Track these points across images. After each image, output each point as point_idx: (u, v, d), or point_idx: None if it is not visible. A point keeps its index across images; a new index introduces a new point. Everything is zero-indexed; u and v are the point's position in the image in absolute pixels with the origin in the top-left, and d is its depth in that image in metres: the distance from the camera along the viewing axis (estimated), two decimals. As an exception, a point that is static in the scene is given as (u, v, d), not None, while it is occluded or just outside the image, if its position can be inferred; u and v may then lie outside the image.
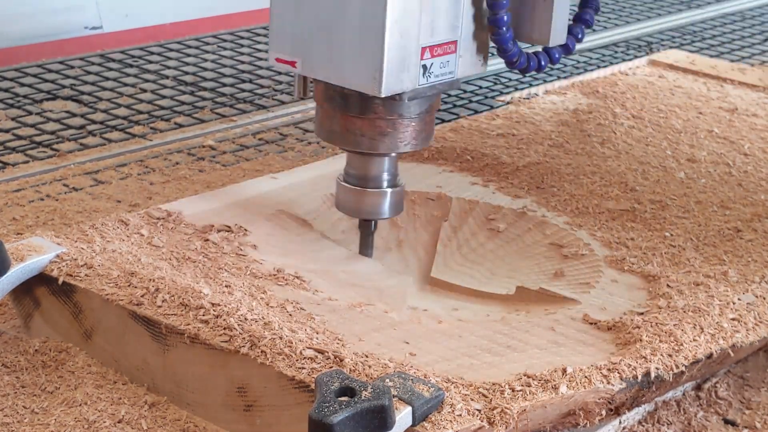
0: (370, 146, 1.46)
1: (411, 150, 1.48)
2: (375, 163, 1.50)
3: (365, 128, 1.45)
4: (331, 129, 1.47)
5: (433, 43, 1.40)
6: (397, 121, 1.44)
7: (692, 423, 1.38)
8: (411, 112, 1.44)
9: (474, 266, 1.59)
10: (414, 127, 1.46)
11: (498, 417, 1.16)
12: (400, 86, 1.38)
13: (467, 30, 1.44)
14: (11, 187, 1.90)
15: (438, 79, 1.42)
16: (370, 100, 1.42)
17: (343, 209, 1.55)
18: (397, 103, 1.42)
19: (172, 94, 2.39)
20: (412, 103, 1.43)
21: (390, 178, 1.51)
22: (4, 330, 1.45)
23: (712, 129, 2.08)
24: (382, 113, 1.43)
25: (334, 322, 1.36)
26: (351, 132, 1.45)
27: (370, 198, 1.51)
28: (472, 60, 1.47)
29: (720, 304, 1.40)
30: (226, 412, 1.27)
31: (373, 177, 1.51)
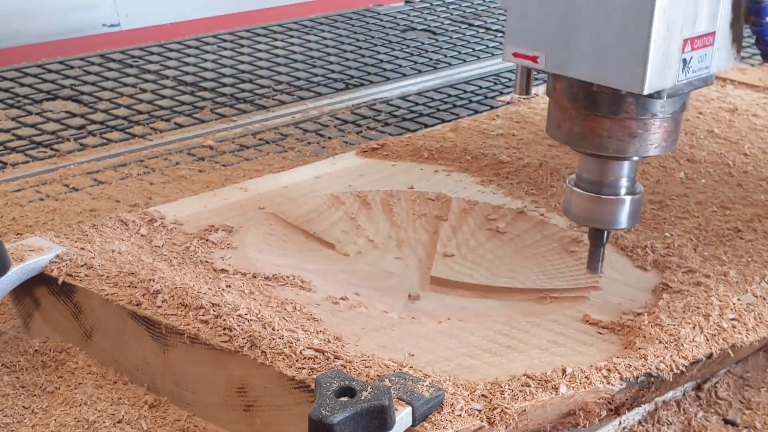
0: (618, 149, 1.33)
1: (658, 153, 1.36)
2: (615, 167, 1.37)
3: (614, 129, 1.32)
4: (572, 130, 1.34)
5: (694, 34, 1.27)
6: (649, 121, 1.32)
7: (692, 423, 1.38)
8: (665, 111, 1.32)
9: (474, 266, 1.59)
10: (666, 127, 1.33)
11: (498, 417, 1.16)
12: (662, 83, 1.25)
13: (725, 20, 1.31)
14: (11, 187, 1.90)
15: (695, 74, 1.30)
16: (623, 99, 1.30)
17: (574, 217, 1.42)
18: (652, 102, 1.30)
19: (172, 94, 2.40)
20: (667, 102, 1.31)
21: (629, 184, 1.38)
22: (4, 330, 1.45)
23: (712, 129, 2.08)
24: (633, 113, 1.31)
25: (334, 322, 1.36)
26: (597, 134, 1.33)
27: (605, 206, 1.39)
28: (727, 53, 1.34)
29: (720, 304, 1.40)
30: (226, 412, 1.27)
31: (611, 183, 1.38)
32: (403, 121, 2.30)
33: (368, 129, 2.25)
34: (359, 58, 2.70)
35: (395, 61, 2.70)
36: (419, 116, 2.34)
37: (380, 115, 2.33)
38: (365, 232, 1.65)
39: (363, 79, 2.55)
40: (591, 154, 1.36)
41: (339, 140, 2.18)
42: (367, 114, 2.34)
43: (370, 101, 2.42)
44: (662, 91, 1.27)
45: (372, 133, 2.23)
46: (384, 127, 2.27)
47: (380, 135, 2.20)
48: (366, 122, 2.29)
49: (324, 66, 2.63)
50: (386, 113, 2.35)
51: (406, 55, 2.75)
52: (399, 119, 2.31)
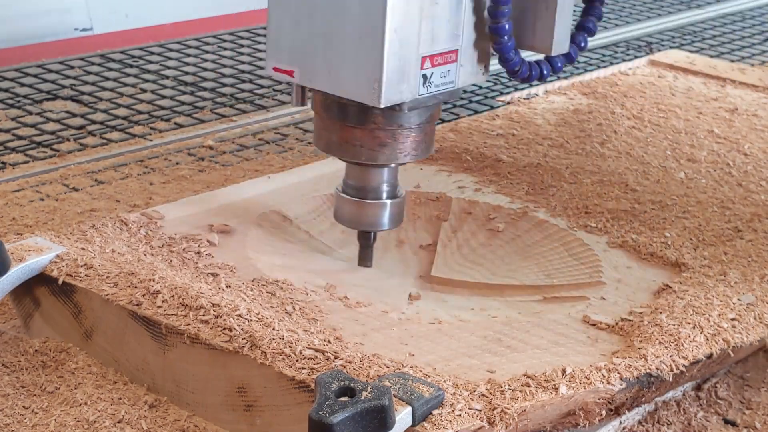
0: (370, 157, 1.43)
1: (411, 161, 1.45)
2: (374, 173, 1.47)
3: (364, 139, 1.42)
4: (330, 140, 1.44)
5: (433, 52, 1.37)
6: (396, 131, 1.41)
7: (692, 423, 1.38)
8: (411, 123, 1.41)
9: (474, 266, 1.59)
10: (414, 137, 1.43)
11: (498, 417, 1.16)
12: (400, 96, 1.35)
13: (468, 39, 1.41)
14: (11, 187, 1.90)
15: (438, 89, 1.39)
16: (369, 111, 1.39)
17: (342, 221, 1.52)
18: (396, 114, 1.40)
19: (172, 94, 2.40)
20: (412, 114, 1.40)
21: (390, 189, 1.49)
22: (4, 330, 1.45)
23: (712, 129, 2.08)
24: (381, 123, 1.41)
25: (334, 322, 1.36)
26: (350, 143, 1.43)
27: (369, 209, 1.49)
28: (473, 69, 1.44)
29: (720, 304, 1.40)
30: (226, 412, 1.27)
31: (373, 188, 1.48)
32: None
33: (368, 129, 2.25)
34: (359, 58, 2.70)
35: (395, 61, 2.69)
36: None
37: (380, 115, 2.33)
38: (365, 232, 1.65)
39: (363, 79, 2.55)
40: (353, 162, 1.46)
41: (339, 140, 2.17)
42: (367, 114, 2.34)
43: (370, 101, 2.42)
44: (403, 104, 1.37)
45: (372, 133, 2.23)
46: (384, 127, 2.27)
47: (380, 135, 2.20)
48: (366, 122, 2.29)
49: (324, 66, 2.63)
50: (386, 113, 2.35)
51: (406, 55, 2.74)
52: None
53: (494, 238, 1.64)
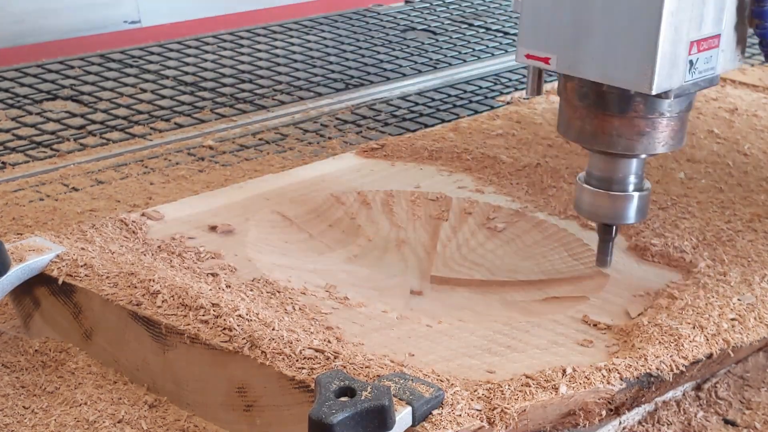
0: (627, 147, 1.38)
1: (666, 151, 1.40)
2: (623, 164, 1.41)
3: (623, 128, 1.37)
4: (583, 128, 1.39)
5: (700, 37, 1.32)
6: (657, 120, 1.36)
7: (692, 423, 1.38)
8: (672, 111, 1.36)
9: (474, 266, 1.59)
10: (673, 126, 1.38)
11: (498, 417, 1.16)
12: (669, 83, 1.30)
13: (729, 23, 1.36)
14: (11, 187, 1.90)
15: (701, 75, 1.35)
16: (632, 99, 1.34)
17: (584, 212, 1.47)
18: (660, 102, 1.35)
19: (172, 94, 2.40)
20: (674, 101, 1.35)
21: (637, 180, 1.44)
22: (4, 330, 1.45)
23: (712, 129, 2.08)
24: (642, 112, 1.36)
25: (334, 322, 1.36)
26: (606, 132, 1.37)
27: (614, 201, 1.43)
28: (732, 55, 1.38)
29: (720, 304, 1.40)
30: (226, 412, 1.27)
31: (619, 179, 1.42)
32: (403, 121, 2.30)
33: (368, 129, 2.25)
34: (359, 58, 2.70)
35: (395, 61, 2.70)
36: (419, 116, 2.34)
37: (380, 115, 2.33)
38: (365, 232, 1.65)
39: (363, 79, 2.55)
40: (600, 151, 1.40)
41: (339, 140, 2.18)
42: (367, 114, 2.34)
43: (370, 101, 2.42)
44: (670, 91, 1.31)
45: (372, 133, 2.23)
46: (384, 127, 2.27)
47: (380, 135, 2.20)
48: (366, 122, 2.29)
49: (324, 66, 2.63)
50: (386, 113, 2.35)
51: (406, 55, 2.75)
52: (399, 119, 2.31)
53: (494, 238, 1.64)
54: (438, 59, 2.72)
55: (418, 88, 2.51)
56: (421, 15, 3.13)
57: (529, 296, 1.51)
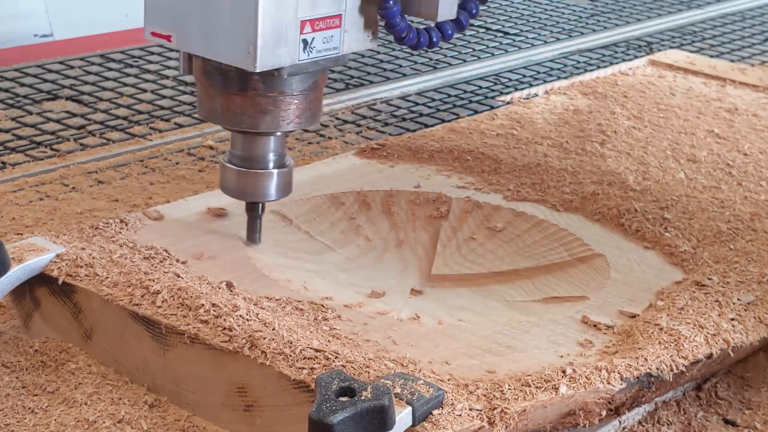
0: (251, 125, 1.40)
1: (295, 129, 1.43)
2: (259, 142, 1.44)
3: (245, 106, 1.39)
4: (212, 107, 1.42)
5: (314, 16, 1.34)
6: (278, 98, 1.39)
7: (692, 423, 1.38)
8: (293, 89, 1.39)
9: (474, 266, 1.59)
10: (297, 104, 1.40)
11: (498, 417, 1.16)
12: (278, 61, 1.32)
13: (353, 4, 1.38)
14: (11, 187, 1.90)
15: (321, 54, 1.36)
16: (249, 77, 1.36)
17: (229, 192, 1.50)
18: (276, 79, 1.37)
19: (172, 94, 2.40)
20: (293, 80, 1.38)
21: (277, 158, 1.46)
22: (4, 330, 1.45)
23: (712, 129, 2.08)
24: (261, 90, 1.38)
25: (334, 322, 1.36)
26: (231, 110, 1.40)
27: (256, 180, 1.46)
28: (359, 35, 1.40)
29: (720, 304, 1.40)
30: (226, 412, 1.27)
31: (259, 157, 1.45)
32: (403, 121, 2.30)
33: (368, 129, 2.25)
34: (359, 58, 2.70)
35: (395, 61, 2.70)
36: (419, 116, 2.34)
37: (380, 115, 2.33)
38: (365, 232, 1.65)
39: (363, 79, 2.55)
40: (237, 130, 1.43)
41: (339, 140, 2.18)
42: (367, 114, 2.34)
43: (370, 101, 2.42)
44: (281, 69, 1.34)
45: (372, 133, 2.23)
46: (384, 127, 2.27)
47: (380, 135, 2.20)
48: (366, 122, 2.29)
49: (324, 66, 2.63)
50: (386, 113, 2.35)
51: (406, 55, 2.75)
52: (399, 119, 2.32)
53: (494, 238, 1.64)
54: (438, 59, 2.72)
55: (418, 88, 2.51)
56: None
57: (529, 296, 1.52)
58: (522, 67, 2.69)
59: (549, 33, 3.00)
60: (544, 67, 2.70)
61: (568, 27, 3.06)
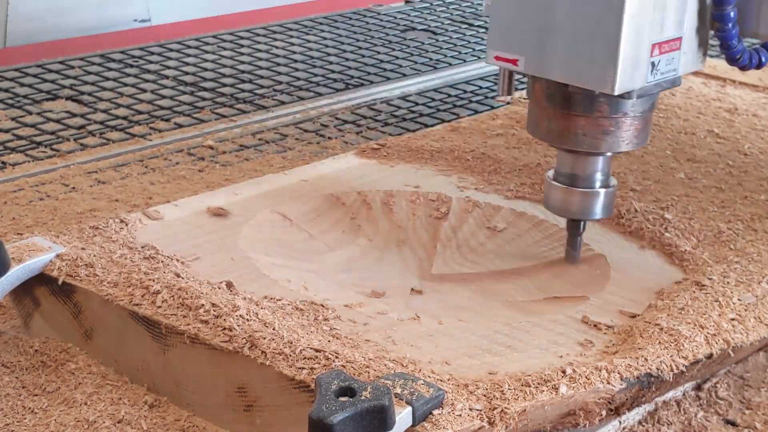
0: (592, 145, 1.43)
1: (630, 149, 1.44)
2: (589, 162, 1.46)
3: (588, 127, 1.41)
4: (550, 128, 1.43)
5: (661, 39, 1.36)
6: (621, 119, 1.41)
7: (692, 423, 1.38)
8: (635, 111, 1.41)
9: (474, 266, 1.59)
10: (636, 125, 1.42)
11: (498, 417, 1.16)
12: (632, 84, 1.35)
13: (691, 26, 1.41)
14: (11, 187, 1.90)
15: (663, 76, 1.39)
16: (596, 99, 1.39)
17: (552, 209, 1.52)
18: (624, 102, 1.39)
19: (172, 94, 2.39)
20: (638, 101, 1.40)
21: (603, 177, 1.48)
22: (4, 330, 1.45)
23: (712, 129, 2.08)
24: (606, 112, 1.40)
25: (334, 322, 1.36)
26: (572, 131, 1.42)
27: (581, 198, 1.48)
28: (694, 57, 1.43)
29: (720, 304, 1.40)
30: (226, 412, 1.27)
31: (586, 176, 1.47)
32: (403, 121, 2.30)
33: (368, 129, 2.25)
34: (359, 58, 2.70)
35: (395, 61, 2.69)
36: (419, 116, 2.34)
37: (380, 115, 2.33)
38: (365, 232, 1.65)
39: (363, 79, 2.55)
40: (567, 149, 1.45)
41: (339, 140, 2.18)
42: (367, 114, 2.34)
43: (370, 101, 2.42)
44: (632, 92, 1.37)
45: (372, 133, 2.23)
46: (384, 127, 2.27)
47: (380, 135, 2.20)
48: (366, 122, 2.29)
49: (324, 66, 2.63)
50: (386, 113, 2.35)
51: (406, 55, 2.75)
52: (399, 119, 2.31)
53: (494, 238, 1.64)
54: (438, 59, 2.72)
55: (418, 88, 2.51)
56: (421, 15, 3.12)
57: (529, 296, 1.52)
58: (522, 67, 2.69)
59: (549, 33, 3.00)
60: (544, 67, 2.69)
61: (568, 27, 3.06)
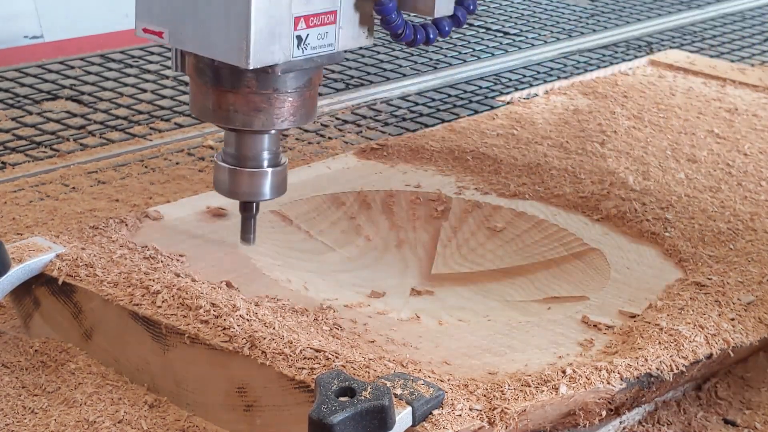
0: (245, 122, 1.38)
1: (289, 127, 1.41)
2: (253, 140, 1.42)
3: (238, 103, 1.37)
4: (204, 105, 1.39)
5: (308, 12, 1.32)
6: (272, 95, 1.37)
7: (692, 423, 1.38)
8: (287, 86, 1.37)
9: (474, 266, 1.59)
10: (291, 102, 1.38)
11: (498, 417, 1.16)
12: (271, 58, 1.30)
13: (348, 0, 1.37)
14: (11, 187, 1.90)
15: (315, 51, 1.34)
16: (243, 74, 1.34)
17: (222, 191, 1.47)
18: (270, 77, 1.34)
19: (172, 94, 2.40)
20: (287, 77, 1.35)
21: (271, 156, 1.44)
22: (4, 330, 1.45)
23: (712, 129, 2.08)
24: (255, 87, 1.36)
25: (333, 322, 1.36)
26: (224, 108, 1.38)
27: (249, 179, 1.44)
28: (355, 32, 1.38)
29: (720, 304, 1.40)
30: (226, 412, 1.27)
31: (252, 156, 1.43)
32: (403, 121, 2.30)
33: (368, 129, 2.25)
34: (359, 58, 2.71)
35: (395, 61, 2.70)
36: (419, 116, 2.34)
37: (380, 115, 2.33)
38: (365, 232, 1.65)
39: (363, 79, 2.55)
40: (230, 128, 1.41)
41: (339, 140, 2.18)
42: (367, 114, 2.34)
43: (370, 101, 2.42)
44: (275, 66, 1.32)
45: (372, 133, 2.23)
46: (384, 127, 2.27)
47: (380, 135, 2.20)
48: (366, 122, 2.29)
49: (324, 66, 2.63)
50: (386, 113, 2.35)
51: (406, 55, 2.75)
52: (399, 119, 2.32)
53: (494, 238, 1.64)
54: (438, 59, 2.72)
55: (418, 88, 2.51)
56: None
57: (529, 296, 1.52)
58: (522, 67, 2.69)
59: (549, 33, 3.00)
60: (544, 67, 2.70)
61: (568, 27, 3.06)
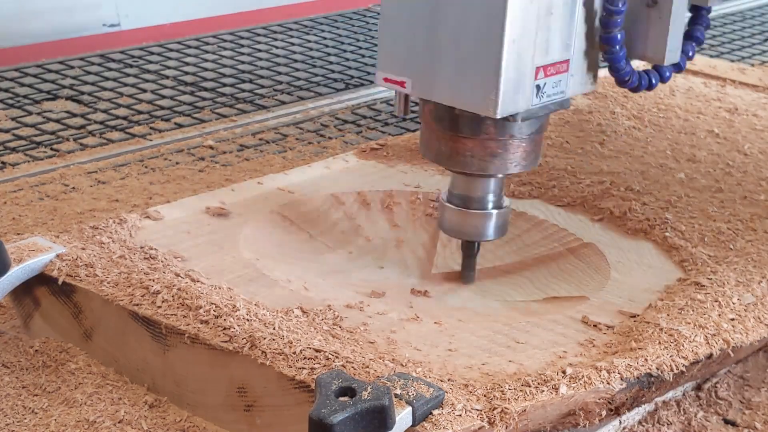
0: (480, 168, 1.43)
1: (520, 171, 1.45)
2: (481, 183, 1.46)
3: (476, 149, 1.41)
4: (439, 150, 1.44)
5: (546, 62, 1.36)
6: (508, 142, 1.41)
7: (692, 423, 1.38)
8: (522, 133, 1.41)
9: (474, 266, 1.59)
10: (524, 147, 1.42)
11: (498, 417, 1.16)
12: (515, 107, 1.34)
13: (579, 48, 1.40)
14: (11, 187, 1.90)
15: (550, 99, 1.39)
16: (482, 121, 1.39)
17: (447, 230, 1.51)
18: (509, 124, 1.39)
19: (172, 94, 2.40)
20: (524, 124, 1.40)
21: (495, 199, 1.48)
22: (4, 330, 1.45)
23: (712, 129, 2.08)
24: (493, 134, 1.40)
25: (333, 322, 1.36)
26: (461, 153, 1.42)
27: (474, 219, 1.48)
28: (583, 79, 1.43)
29: (720, 304, 1.40)
30: (226, 412, 1.27)
31: (478, 198, 1.47)
32: (403, 121, 2.30)
33: (368, 129, 2.25)
34: (359, 58, 2.71)
35: (395, 61, 2.69)
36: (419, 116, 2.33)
37: (380, 115, 2.33)
38: (365, 232, 1.65)
39: (363, 79, 2.55)
40: (459, 171, 1.45)
41: (339, 140, 2.18)
42: (367, 114, 2.34)
43: (370, 101, 2.42)
44: (517, 115, 1.36)
45: (372, 133, 2.23)
46: (384, 127, 2.27)
47: (380, 135, 2.20)
48: (366, 122, 2.29)
49: (324, 66, 2.63)
50: (386, 113, 2.35)
51: (406, 55, 2.74)
52: (399, 119, 2.32)
53: (494, 238, 1.64)
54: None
55: (418, 88, 2.51)
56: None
57: (529, 296, 1.52)
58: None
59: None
60: (544, 67, 2.69)
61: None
